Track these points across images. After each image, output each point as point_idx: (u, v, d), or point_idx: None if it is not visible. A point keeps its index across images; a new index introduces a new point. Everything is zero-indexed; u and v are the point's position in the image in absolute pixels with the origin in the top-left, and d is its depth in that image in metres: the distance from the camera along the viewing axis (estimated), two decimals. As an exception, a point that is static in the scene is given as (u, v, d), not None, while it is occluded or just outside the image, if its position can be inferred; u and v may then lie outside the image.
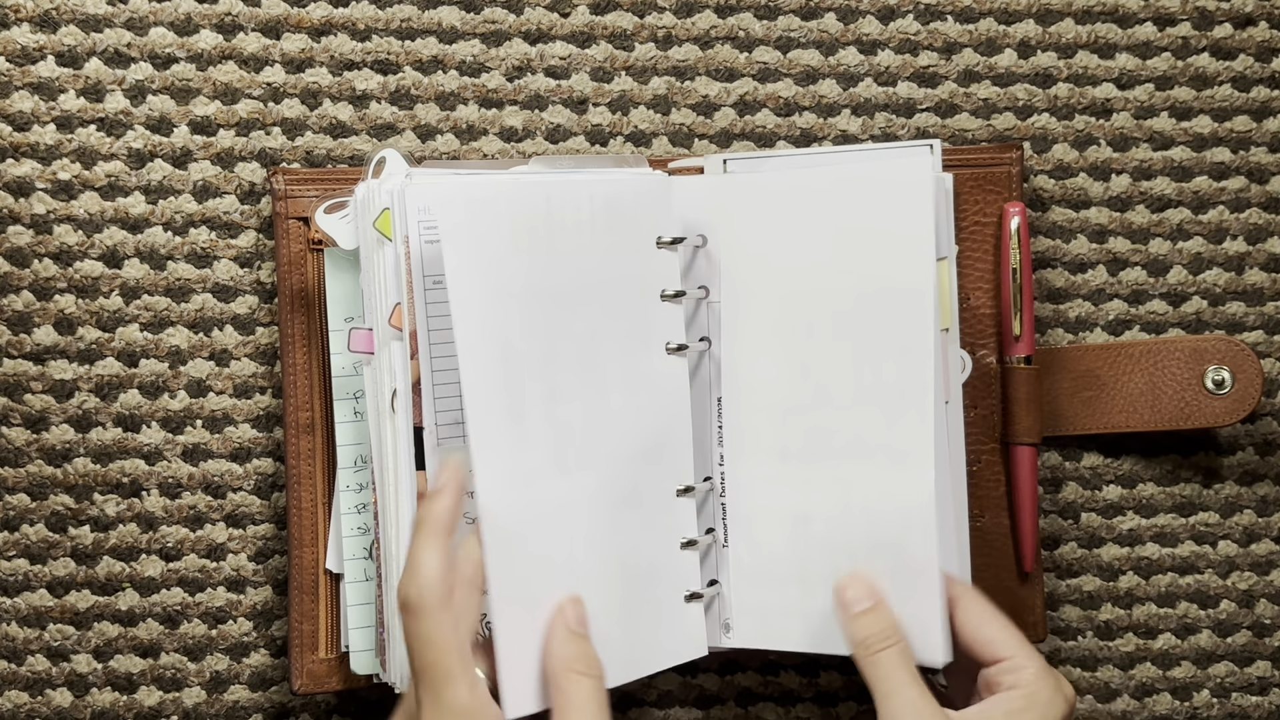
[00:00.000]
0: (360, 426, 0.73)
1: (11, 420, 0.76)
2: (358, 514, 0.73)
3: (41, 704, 0.77)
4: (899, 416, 0.70)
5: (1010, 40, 0.81)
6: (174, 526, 0.77)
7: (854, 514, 0.70)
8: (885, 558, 0.69)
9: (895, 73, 0.80)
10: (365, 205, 0.69)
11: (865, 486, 0.70)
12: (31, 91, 0.76)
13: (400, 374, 0.67)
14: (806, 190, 0.72)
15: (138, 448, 0.77)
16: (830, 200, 0.72)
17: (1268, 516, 0.82)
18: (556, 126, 0.79)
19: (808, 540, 0.72)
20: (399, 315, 0.67)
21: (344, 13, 0.78)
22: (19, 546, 0.77)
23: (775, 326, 0.73)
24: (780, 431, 0.73)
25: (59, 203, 0.76)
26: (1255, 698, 0.82)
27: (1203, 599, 0.82)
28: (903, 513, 0.69)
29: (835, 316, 0.71)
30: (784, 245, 0.73)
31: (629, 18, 0.79)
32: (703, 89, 0.80)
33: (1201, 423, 0.79)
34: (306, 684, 0.74)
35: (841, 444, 0.71)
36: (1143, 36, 0.81)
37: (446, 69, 0.78)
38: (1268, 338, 0.82)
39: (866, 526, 0.70)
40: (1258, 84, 0.82)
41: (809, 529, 0.72)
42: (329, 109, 0.78)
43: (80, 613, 0.77)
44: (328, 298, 0.73)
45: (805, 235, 0.72)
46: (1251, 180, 0.82)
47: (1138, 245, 0.81)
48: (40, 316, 0.76)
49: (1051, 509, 0.81)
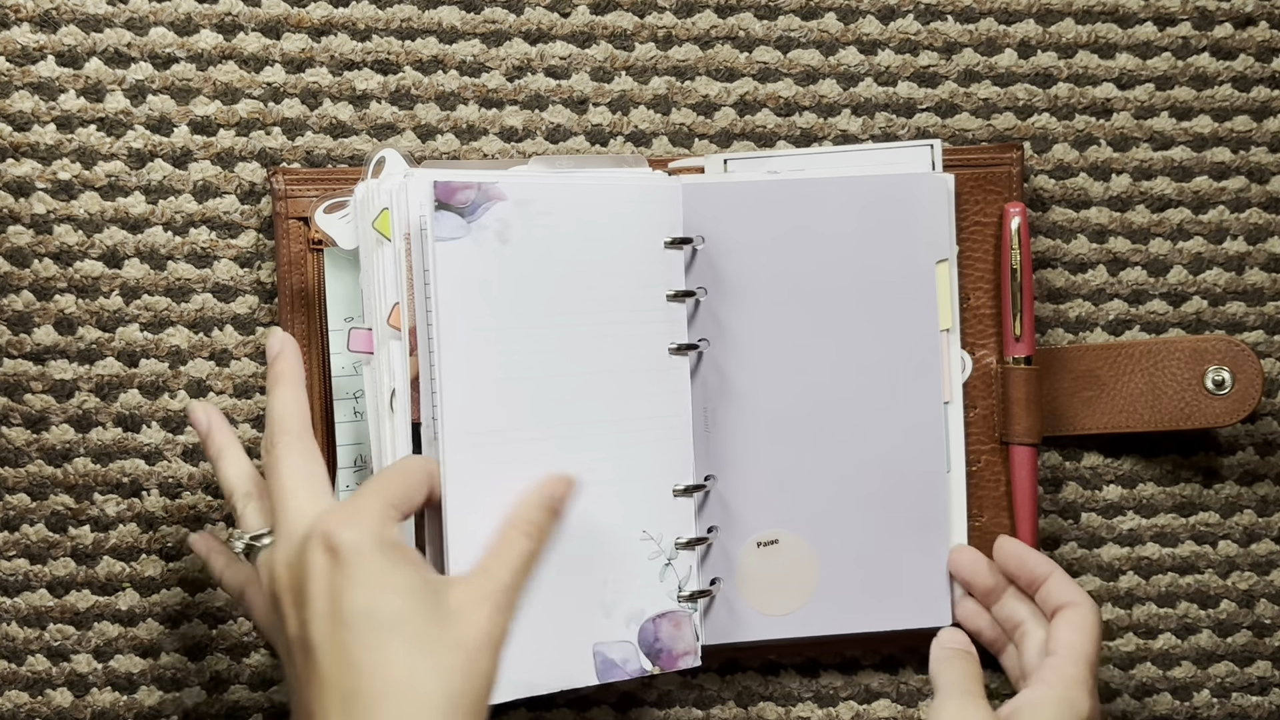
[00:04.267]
0: (360, 426, 0.73)
1: (11, 420, 0.76)
2: (357, 514, 0.73)
3: (41, 704, 0.77)
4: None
5: (1010, 40, 0.81)
6: (174, 526, 0.77)
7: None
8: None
9: (895, 73, 0.80)
10: (364, 205, 0.69)
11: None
12: (31, 91, 0.76)
13: (399, 371, 0.67)
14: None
15: (138, 448, 0.77)
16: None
17: (1268, 516, 0.82)
18: (556, 126, 0.79)
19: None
20: (398, 315, 0.67)
21: (344, 13, 0.78)
22: (19, 546, 0.77)
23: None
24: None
25: (59, 203, 0.76)
26: (1255, 698, 0.82)
27: (1203, 599, 0.82)
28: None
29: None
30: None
31: (629, 18, 0.79)
32: (703, 89, 0.80)
33: (1201, 423, 0.79)
34: (306, 684, 0.74)
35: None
36: (1143, 36, 0.81)
37: (446, 69, 0.78)
38: (1268, 338, 0.82)
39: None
40: (1258, 84, 0.82)
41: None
42: (329, 109, 0.78)
43: (80, 613, 0.77)
44: (327, 297, 0.73)
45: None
46: (1252, 180, 0.82)
47: (1138, 245, 0.81)
48: (40, 316, 0.76)
49: (1051, 509, 0.81)
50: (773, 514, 0.74)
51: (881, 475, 0.75)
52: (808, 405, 0.74)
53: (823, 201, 0.73)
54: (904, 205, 0.74)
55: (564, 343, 0.69)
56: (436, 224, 0.66)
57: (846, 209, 0.73)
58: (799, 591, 0.75)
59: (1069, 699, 0.67)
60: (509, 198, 0.68)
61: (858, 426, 0.75)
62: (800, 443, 0.74)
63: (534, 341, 0.68)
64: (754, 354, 0.74)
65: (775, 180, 0.74)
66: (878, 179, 0.74)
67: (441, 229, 0.66)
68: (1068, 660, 0.69)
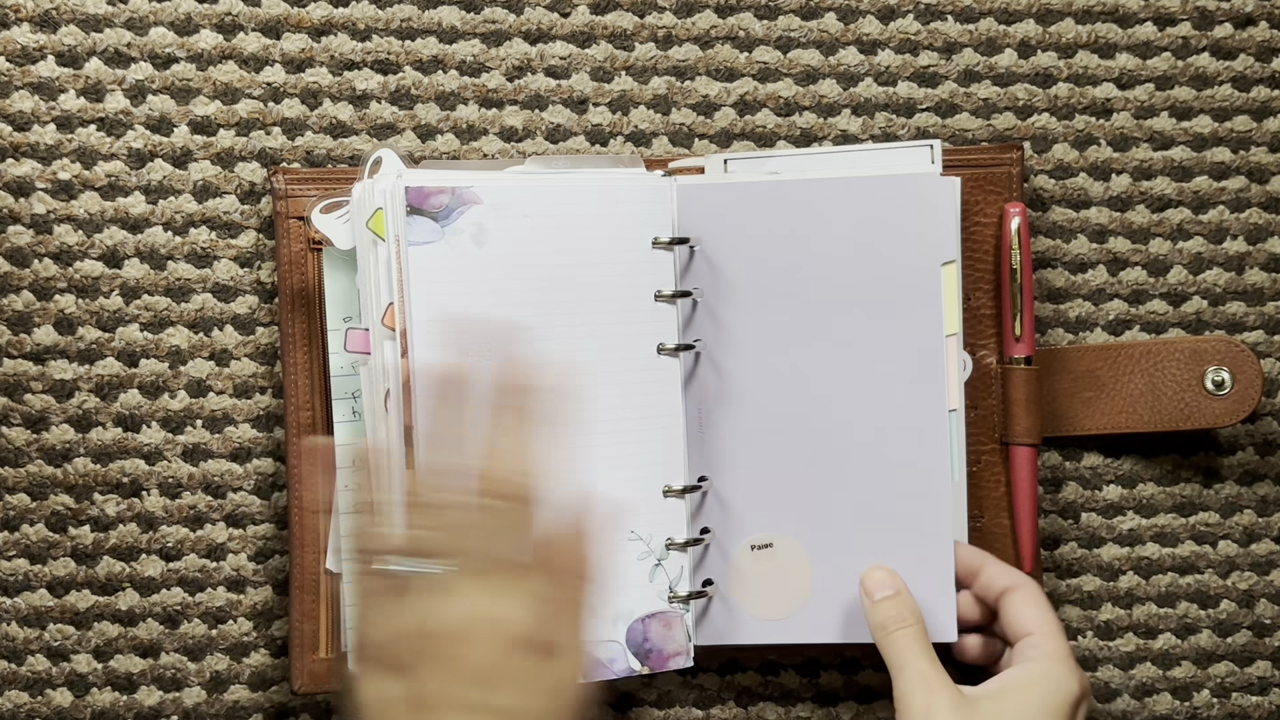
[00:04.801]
0: (358, 426, 0.73)
1: (11, 420, 0.76)
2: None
3: (41, 704, 0.77)
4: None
5: (1010, 40, 0.81)
6: (174, 526, 0.77)
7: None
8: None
9: (895, 73, 0.80)
10: (360, 205, 0.69)
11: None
12: (31, 91, 0.76)
13: (392, 373, 0.67)
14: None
15: (138, 448, 0.77)
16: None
17: (1268, 516, 0.82)
18: (556, 126, 0.79)
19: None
20: (392, 315, 0.67)
21: (344, 13, 0.78)
22: (19, 546, 0.77)
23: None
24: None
25: (59, 203, 0.76)
26: (1255, 698, 0.82)
27: (1203, 599, 0.82)
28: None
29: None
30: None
31: (629, 18, 0.79)
32: (703, 89, 0.80)
33: (1201, 423, 0.79)
34: (306, 684, 0.74)
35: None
36: (1143, 36, 0.81)
37: (446, 69, 0.79)
38: (1268, 338, 0.82)
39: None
40: (1258, 84, 0.82)
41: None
42: (329, 109, 0.78)
43: (80, 613, 0.77)
44: (326, 297, 0.73)
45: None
46: (1251, 180, 0.82)
47: (1138, 245, 0.81)
48: (40, 316, 0.76)
49: (1051, 509, 0.81)
50: (768, 517, 0.74)
51: (881, 484, 0.73)
52: (806, 409, 0.73)
53: (826, 202, 0.73)
54: (909, 207, 0.73)
55: (546, 345, 0.69)
56: (410, 228, 0.67)
57: (849, 210, 0.73)
58: (792, 597, 0.73)
59: (1055, 676, 0.67)
60: (485, 201, 0.68)
61: (857, 433, 0.73)
62: (797, 447, 0.73)
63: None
64: (753, 356, 0.73)
65: (777, 181, 0.73)
66: (882, 179, 0.73)
67: (415, 233, 0.67)
68: (1048, 636, 0.69)
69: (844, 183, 0.73)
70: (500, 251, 0.68)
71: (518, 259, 0.69)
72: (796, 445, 0.73)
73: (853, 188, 0.73)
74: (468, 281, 0.68)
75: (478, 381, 0.61)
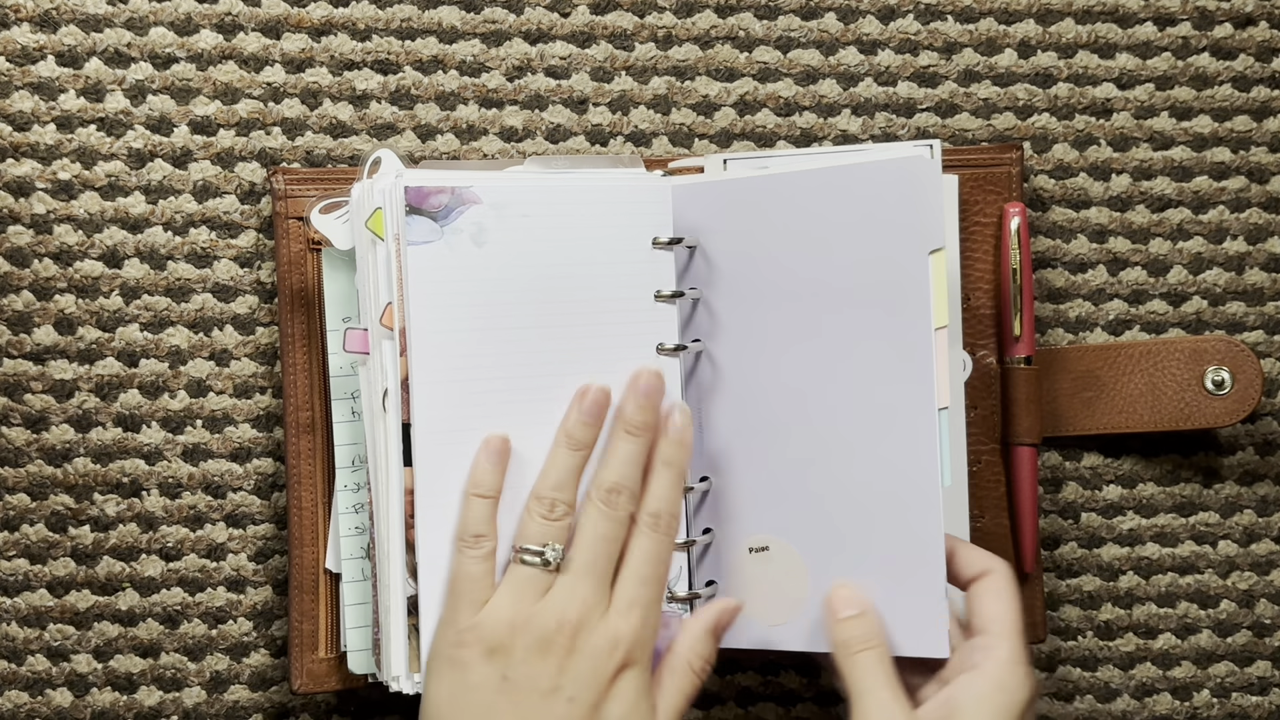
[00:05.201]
0: (358, 426, 0.73)
1: (11, 420, 0.76)
2: (355, 514, 0.73)
3: (41, 704, 0.77)
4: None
5: (1010, 40, 0.81)
6: (174, 526, 0.77)
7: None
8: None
9: (895, 73, 0.80)
10: (359, 205, 0.69)
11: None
12: (31, 91, 0.76)
13: (390, 372, 0.67)
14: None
15: (138, 448, 0.77)
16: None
17: (1268, 516, 0.82)
18: (556, 126, 0.79)
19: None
20: (390, 315, 0.67)
21: (344, 13, 0.78)
22: (19, 546, 0.77)
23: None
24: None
25: (59, 203, 0.76)
26: (1255, 698, 0.82)
27: (1203, 599, 0.82)
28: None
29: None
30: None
31: (629, 18, 0.79)
32: (703, 89, 0.80)
33: (1201, 423, 0.79)
34: (306, 684, 0.74)
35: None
36: (1143, 36, 0.81)
37: (446, 69, 0.79)
38: (1268, 338, 0.82)
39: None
40: (1258, 84, 0.82)
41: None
42: (329, 109, 0.78)
43: (80, 613, 0.77)
44: (325, 298, 0.73)
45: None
46: (1251, 180, 0.82)
47: (1138, 245, 0.81)
48: (40, 316, 0.76)
49: (1051, 509, 0.81)
50: (766, 519, 0.72)
51: (873, 489, 0.69)
52: (801, 407, 0.72)
53: (813, 194, 0.70)
54: (892, 193, 0.68)
55: (546, 344, 0.69)
56: (409, 228, 0.67)
57: (836, 200, 0.69)
58: (789, 601, 0.72)
59: (1007, 685, 0.65)
60: (484, 201, 0.68)
61: (848, 432, 0.70)
62: (792, 448, 0.71)
63: (515, 343, 0.68)
64: (751, 354, 0.73)
65: (764, 175, 0.71)
66: (865, 165, 0.69)
67: (414, 233, 0.67)
68: (1000, 638, 0.66)
69: (830, 172, 0.70)
70: (499, 251, 0.68)
71: (517, 259, 0.69)
72: (794, 445, 0.73)
73: (838, 177, 0.69)
74: (467, 281, 0.68)
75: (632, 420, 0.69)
